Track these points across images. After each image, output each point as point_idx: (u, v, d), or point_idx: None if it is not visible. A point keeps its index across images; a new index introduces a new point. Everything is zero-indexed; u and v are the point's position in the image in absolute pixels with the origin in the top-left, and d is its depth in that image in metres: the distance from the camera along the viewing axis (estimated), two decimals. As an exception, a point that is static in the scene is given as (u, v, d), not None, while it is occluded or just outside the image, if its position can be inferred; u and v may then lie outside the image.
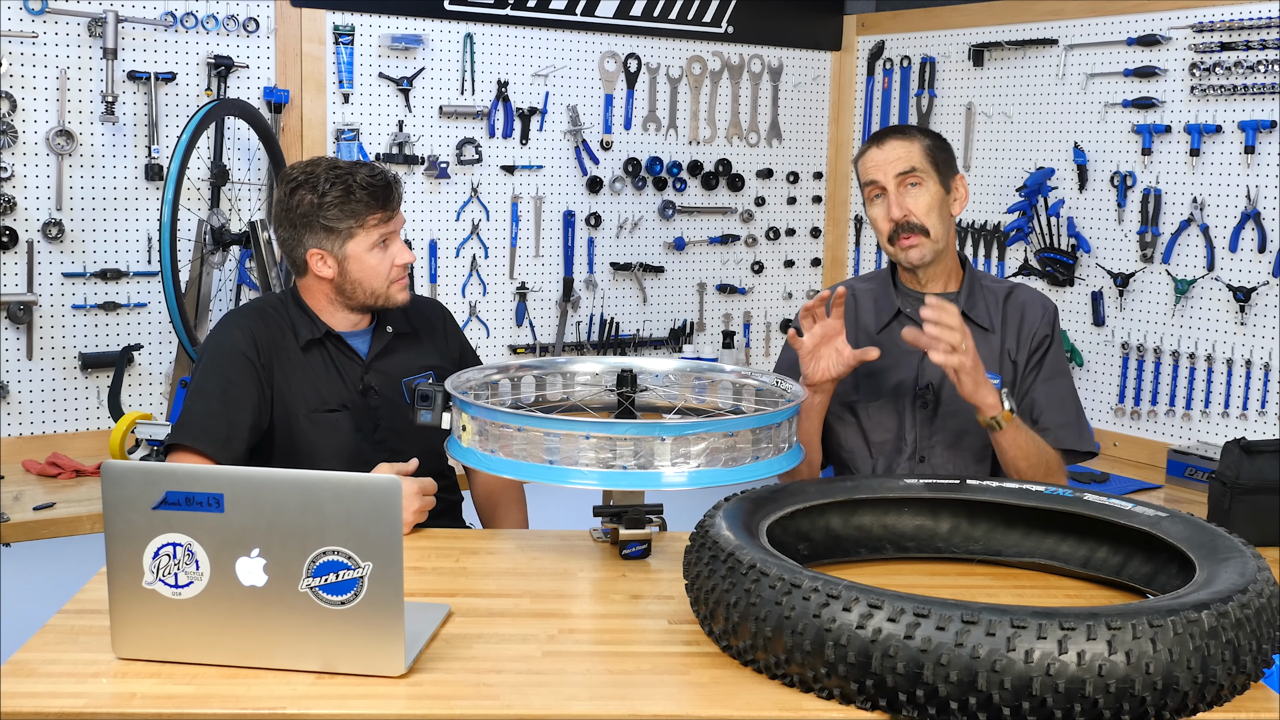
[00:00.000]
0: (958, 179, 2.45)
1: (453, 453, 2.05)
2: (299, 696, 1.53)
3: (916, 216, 2.37)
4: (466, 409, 1.98)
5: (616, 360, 2.32)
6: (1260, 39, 3.17)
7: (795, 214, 4.31)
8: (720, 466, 1.88)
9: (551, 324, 3.92)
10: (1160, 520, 1.86)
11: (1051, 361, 2.45)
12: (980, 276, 2.52)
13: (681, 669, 1.62)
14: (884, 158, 2.39)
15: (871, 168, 2.41)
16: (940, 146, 2.44)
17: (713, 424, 1.89)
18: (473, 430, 1.96)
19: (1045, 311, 2.46)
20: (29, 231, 3.10)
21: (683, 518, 2.08)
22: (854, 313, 2.51)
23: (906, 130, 2.44)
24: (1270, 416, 3.18)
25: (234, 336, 2.35)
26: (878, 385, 2.45)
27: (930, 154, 2.39)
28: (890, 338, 2.43)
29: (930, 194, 2.38)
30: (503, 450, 1.92)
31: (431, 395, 2.08)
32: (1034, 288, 2.51)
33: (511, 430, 1.90)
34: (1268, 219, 3.17)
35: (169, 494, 1.56)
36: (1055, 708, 1.41)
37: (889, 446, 2.45)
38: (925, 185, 2.38)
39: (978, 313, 2.44)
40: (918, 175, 2.37)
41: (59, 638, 1.69)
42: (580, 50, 3.85)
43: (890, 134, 2.43)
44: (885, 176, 2.38)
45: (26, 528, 2.69)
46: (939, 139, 2.45)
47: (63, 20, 3.09)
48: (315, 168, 2.35)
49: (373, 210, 2.34)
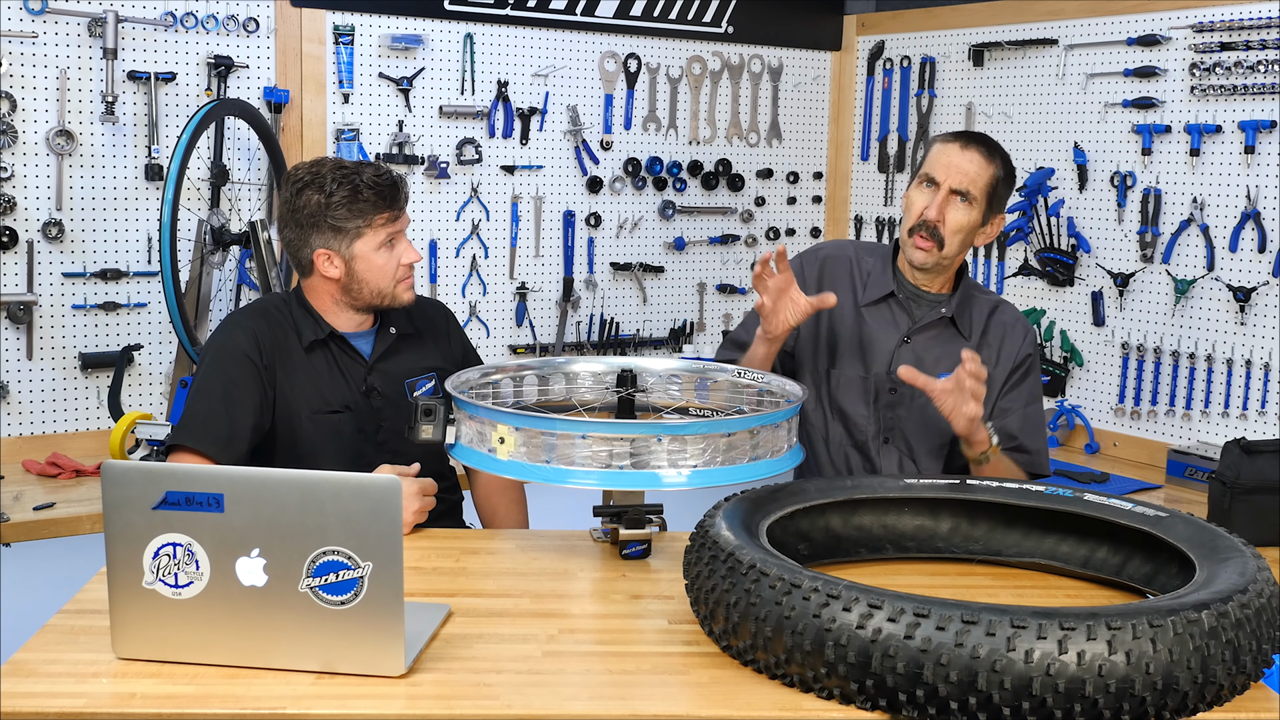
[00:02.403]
0: (998, 219, 2.48)
1: (453, 453, 2.05)
2: (299, 696, 1.53)
3: (944, 228, 2.40)
4: (464, 408, 1.98)
5: (617, 360, 2.32)
6: (1260, 39, 3.17)
7: (795, 214, 4.31)
8: (720, 466, 1.88)
9: (551, 324, 3.91)
10: (1160, 520, 1.86)
11: (1033, 384, 2.52)
12: (972, 286, 2.57)
13: (681, 669, 1.63)
14: (956, 163, 2.41)
15: (940, 163, 2.43)
16: (1006, 182, 2.46)
17: (712, 424, 1.89)
18: (514, 442, 1.89)
19: (1027, 334, 2.53)
20: (29, 231, 3.09)
21: (683, 518, 2.09)
22: (846, 274, 2.55)
23: (992, 149, 2.44)
24: (1270, 416, 3.18)
25: (237, 337, 2.34)
26: (852, 360, 2.52)
27: (993, 186, 2.42)
28: (876, 315, 2.51)
29: (969, 218, 2.41)
30: (502, 450, 1.92)
31: (434, 410, 2.03)
32: (1015, 308, 2.59)
33: (510, 430, 1.90)
34: (1268, 219, 3.17)
35: (169, 494, 1.56)
36: (1055, 708, 1.41)
37: (854, 422, 2.51)
38: (970, 209, 2.41)
39: (963, 321, 2.50)
40: (970, 198, 2.41)
41: (59, 638, 1.69)
42: (580, 50, 3.85)
43: (977, 143, 2.44)
44: (945, 178, 2.40)
45: (26, 528, 2.69)
46: (1009, 175, 2.47)
47: (63, 20, 3.09)
48: (321, 168, 2.35)
49: (380, 210, 2.34)
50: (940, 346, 2.48)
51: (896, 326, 2.50)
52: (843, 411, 2.52)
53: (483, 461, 1.95)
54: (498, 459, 1.92)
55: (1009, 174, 2.47)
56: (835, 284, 2.53)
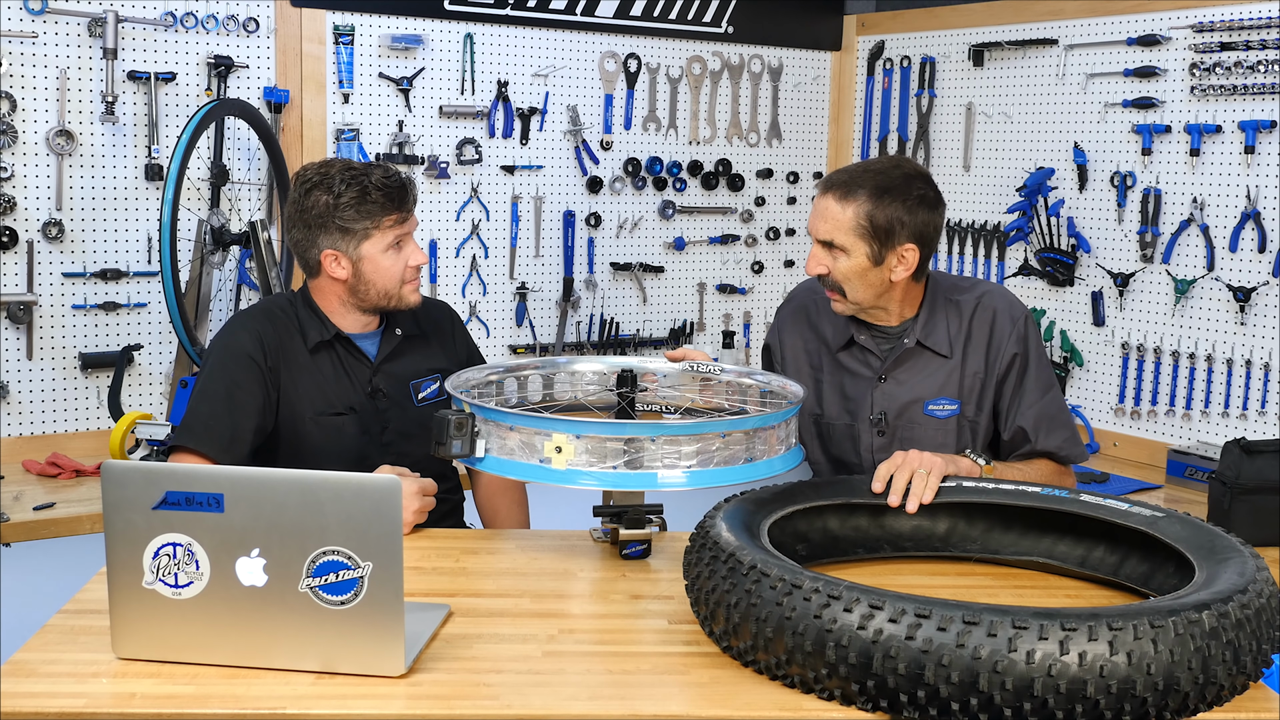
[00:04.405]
0: (902, 249, 2.25)
1: (470, 463, 2.03)
2: (299, 696, 1.53)
3: (834, 277, 2.30)
4: (476, 411, 1.97)
5: (617, 360, 2.32)
6: (1260, 39, 3.17)
7: (795, 214, 4.31)
8: (719, 467, 1.88)
9: (551, 324, 3.91)
10: (1157, 520, 1.86)
11: (1035, 376, 2.36)
12: (944, 289, 2.40)
13: (681, 669, 1.62)
14: (819, 212, 2.28)
15: (811, 216, 2.32)
16: (883, 215, 2.22)
17: (712, 424, 1.89)
18: (572, 450, 1.83)
19: (1014, 324, 2.35)
20: (29, 231, 3.09)
21: (683, 518, 2.09)
22: (811, 319, 2.47)
23: (849, 189, 2.24)
24: (1270, 416, 3.18)
25: (241, 339, 2.34)
26: (836, 406, 2.44)
27: (863, 225, 2.23)
28: (850, 359, 2.42)
29: (851, 263, 2.26)
30: (500, 450, 1.92)
31: (464, 423, 1.92)
32: (1005, 291, 2.42)
33: (508, 430, 1.90)
34: (1268, 219, 3.17)
35: (169, 494, 1.56)
36: (1057, 708, 1.41)
37: (851, 464, 2.44)
38: (847, 255, 2.25)
39: (935, 339, 2.35)
40: (836, 248, 2.26)
41: (59, 638, 1.69)
42: (580, 50, 3.85)
43: (832, 188, 2.27)
44: (814, 231, 2.30)
45: (26, 528, 2.69)
46: (888, 203, 2.23)
47: (63, 20, 3.08)
48: (330, 168, 2.35)
49: (388, 212, 2.34)
50: (918, 376, 2.37)
51: (869, 367, 2.40)
52: (839, 460, 2.45)
53: (483, 462, 1.94)
54: (498, 459, 1.92)
55: (885, 205, 2.22)
56: (801, 343, 2.47)
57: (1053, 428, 2.35)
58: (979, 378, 2.37)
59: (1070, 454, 2.36)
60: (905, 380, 2.38)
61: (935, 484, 2.02)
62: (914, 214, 2.25)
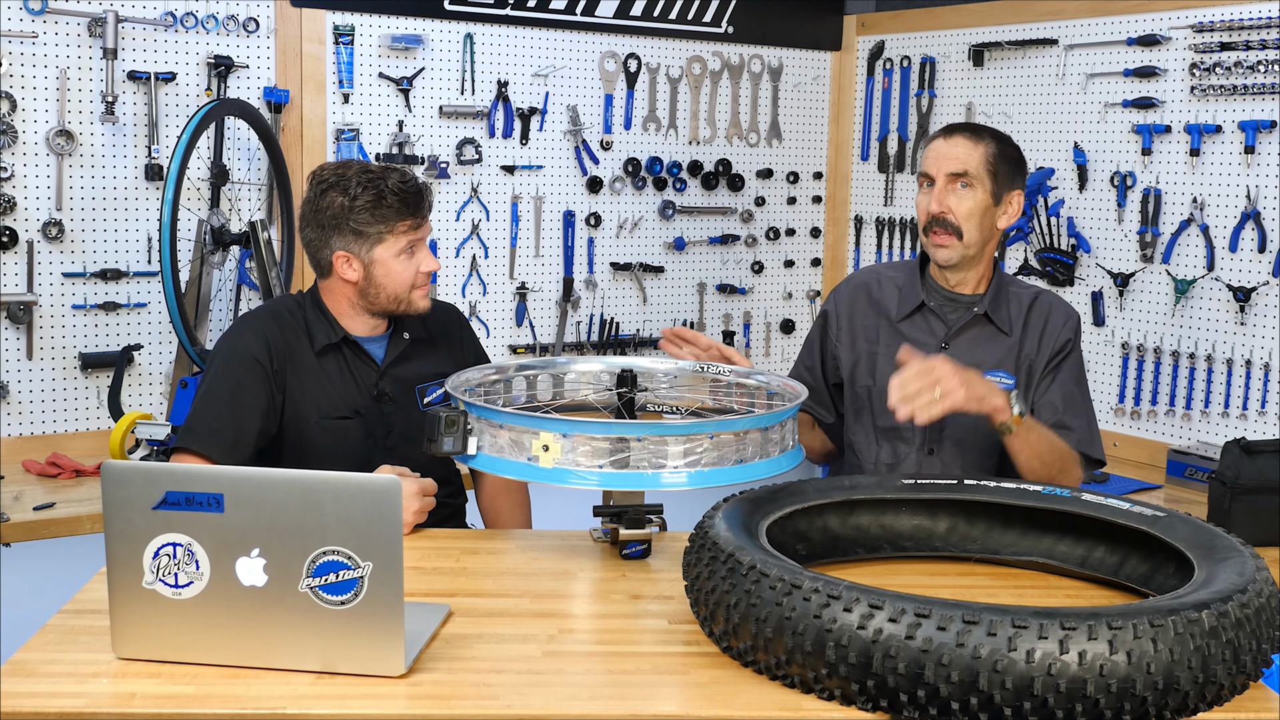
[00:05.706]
0: (1014, 194, 2.44)
1: (467, 461, 2.03)
2: (299, 696, 1.53)
3: (955, 216, 2.39)
4: (467, 409, 1.97)
5: (617, 360, 2.32)
6: (1260, 39, 3.17)
7: (795, 214, 4.31)
8: (720, 466, 1.88)
9: (551, 324, 3.91)
10: (1157, 520, 1.86)
11: (1073, 365, 2.46)
12: (1009, 281, 2.53)
13: (681, 669, 1.62)
14: (944, 152, 2.41)
15: (930, 158, 2.43)
16: (1005, 157, 2.43)
17: (712, 424, 1.88)
18: (559, 449, 1.84)
19: (1069, 319, 2.48)
20: (29, 231, 3.09)
21: (683, 518, 2.08)
22: (872, 295, 2.54)
23: (978, 131, 2.44)
24: (1270, 416, 3.18)
25: (247, 340, 2.34)
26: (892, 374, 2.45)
27: (991, 162, 2.40)
28: (912, 327, 2.48)
29: (975, 200, 2.40)
30: (491, 448, 1.92)
31: (456, 420, 1.94)
32: (1057, 295, 2.54)
33: (499, 428, 1.90)
34: (1268, 219, 3.17)
35: (169, 494, 1.56)
36: (1057, 708, 1.41)
37: (896, 435, 2.47)
38: (974, 190, 2.39)
39: (1000, 316, 2.46)
40: (969, 179, 2.39)
41: (59, 638, 1.69)
42: (580, 50, 3.85)
43: (960, 130, 2.44)
44: (938, 170, 2.41)
45: (26, 528, 2.69)
46: (1009, 149, 2.44)
47: (63, 20, 3.09)
48: (347, 170, 2.35)
49: (403, 217, 2.34)
50: (981, 346, 2.45)
51: (933, 334, 2.47)
52: (888, 429, 2.47)
53: (483, 462, 1.94)
54: (498, 459, 1.91)
55: (1007, 149, 2.43)
56: (858, 316, 2.53)
57: (1077, 412, 2.43)
58: (1030, 360, 2.44)
59: (1083, 441, 2.41)
60: (968, 351, 2.44)
61: (939, 413, 2.11)
62: (1021, 166, 2.48)
